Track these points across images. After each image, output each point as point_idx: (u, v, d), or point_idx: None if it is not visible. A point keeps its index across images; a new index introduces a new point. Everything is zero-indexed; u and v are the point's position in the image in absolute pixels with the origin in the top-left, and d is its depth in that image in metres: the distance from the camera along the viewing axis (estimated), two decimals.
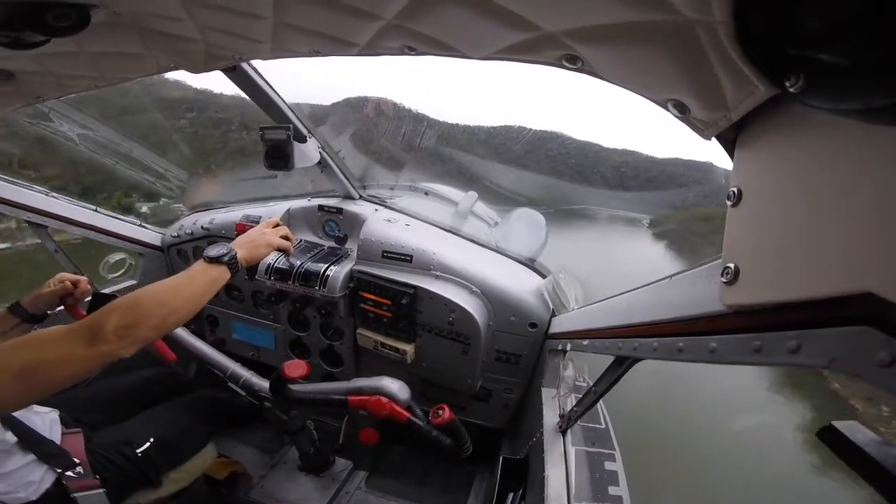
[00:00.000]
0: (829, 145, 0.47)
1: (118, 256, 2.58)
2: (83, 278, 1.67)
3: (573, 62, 0.61)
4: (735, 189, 0.62)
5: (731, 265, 0.62)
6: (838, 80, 0.33)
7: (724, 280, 0.63)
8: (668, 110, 0.61)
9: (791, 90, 0.38)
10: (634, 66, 0.56)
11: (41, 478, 1.31)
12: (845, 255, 0.44)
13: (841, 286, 0.44)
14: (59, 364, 0.93)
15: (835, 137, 0.46)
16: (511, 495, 1.62)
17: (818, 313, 0.50)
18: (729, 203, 0.63)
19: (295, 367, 1.38)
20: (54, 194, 2.19)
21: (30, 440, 1.32)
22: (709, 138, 0.62)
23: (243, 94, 1.70)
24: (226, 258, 1.22)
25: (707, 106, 0.56)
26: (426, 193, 2.63)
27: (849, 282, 0.43)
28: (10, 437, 1.27)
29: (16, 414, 1.33)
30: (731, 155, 0.63)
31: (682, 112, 0.59)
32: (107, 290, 2.28)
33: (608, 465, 1.46)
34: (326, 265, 2.15)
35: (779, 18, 0.36)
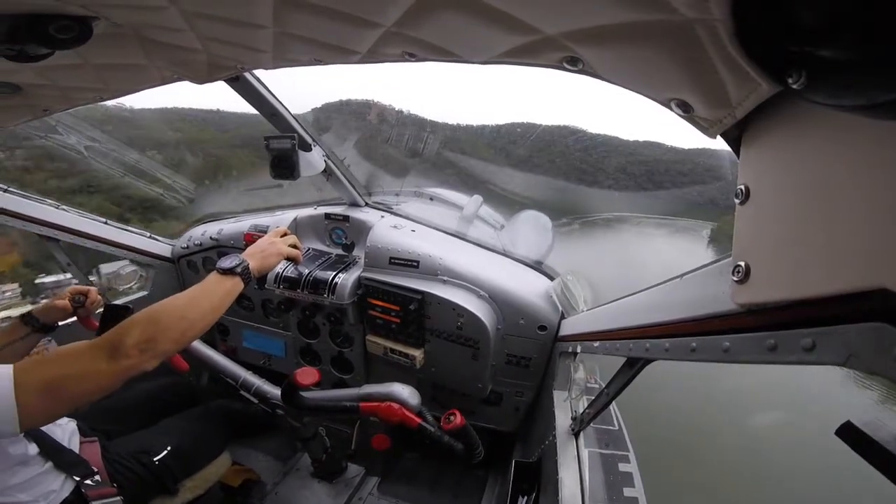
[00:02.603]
0: (835, 141, 0.46)
1: (130, 268, 2.61)
2: (93, 289, 1.70)
3: (574, 64, 0.61)
4: (743, 187, 0.61)
5: (742, 263, 0.61)
6: (840, 76, 0.33)
7: (735, 279, 0.63)
8: (671, 109, 0.60)
9: (794, 87, 0.37)
10: (635, 66, 0.56)
11: (60, 486, 1.33)
12: (858, 251, 0.43)
13: (854, 282, 0.44)
14: (82, 379, 0.95)
15: (841, 133, 0.45)
16: (524, 499, 1.60)
17: (832, 310, 0.49)
18: (737, 201, 0.63)
19: (306, 375, 1.38)
20: (64, 207, 2.19)
21: (50, 449, 1.35)
22: (714, 136, 0.62)
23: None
24: (238, 269, 1.24)
25: (710, 104, 0.55)
26: (431, 198, 2.63)
27: (862, 278, 0.43)
28: (33, 449, 1.29)
29: None
30: (737, 153, 0.63)
31: (686, 111, 0.59)
32: (118, 302, 2.31)
33: (622, 467, 1.45)
34: (334, 273, 2.16)
35: (777, 15, 0.35)
